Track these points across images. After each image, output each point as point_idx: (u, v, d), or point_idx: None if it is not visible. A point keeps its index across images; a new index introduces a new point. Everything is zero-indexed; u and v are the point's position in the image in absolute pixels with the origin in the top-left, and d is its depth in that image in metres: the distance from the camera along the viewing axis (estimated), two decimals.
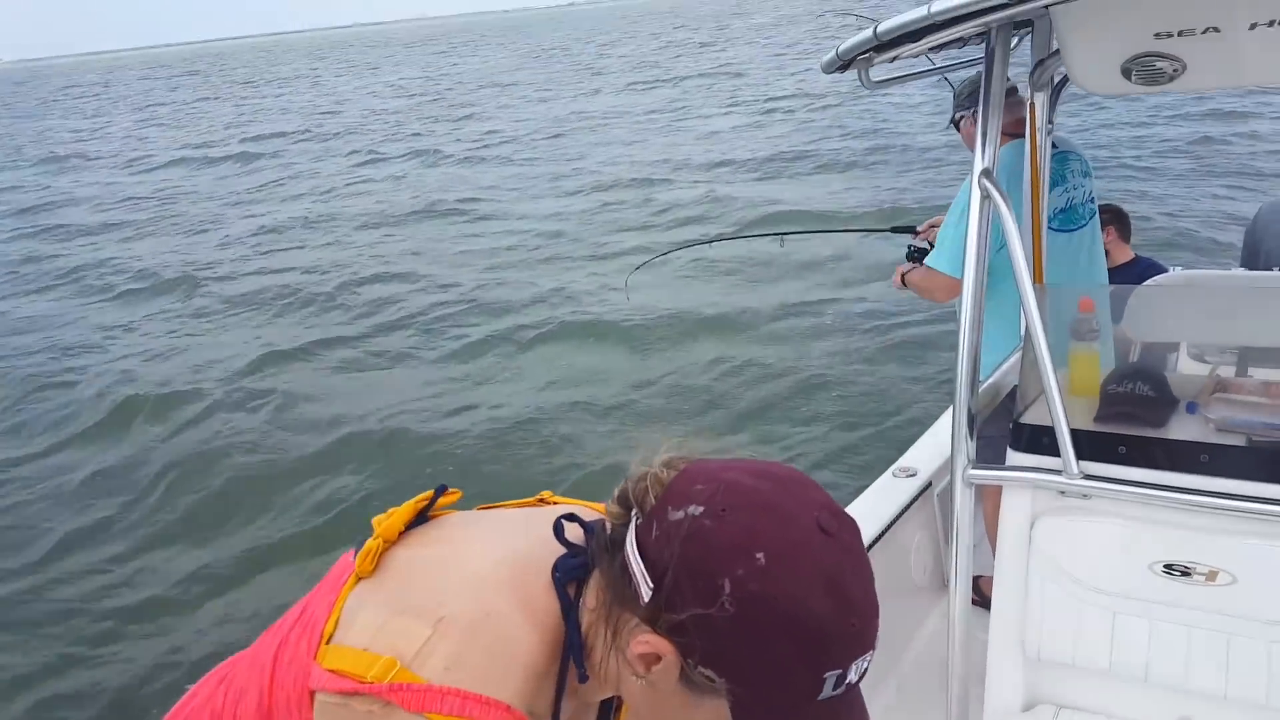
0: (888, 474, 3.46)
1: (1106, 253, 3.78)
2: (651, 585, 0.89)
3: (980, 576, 3.52)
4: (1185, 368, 2.45)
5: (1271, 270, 3.89)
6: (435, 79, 46.70)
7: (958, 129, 3.16)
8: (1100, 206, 4.08)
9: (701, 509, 0.88)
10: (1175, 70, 1.94)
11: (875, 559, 3.02)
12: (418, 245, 12.97)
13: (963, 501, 2.19)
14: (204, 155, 24.86)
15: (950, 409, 4.08)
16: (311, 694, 0.95)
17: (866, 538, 3.02)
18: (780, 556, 0.86)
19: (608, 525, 0.99)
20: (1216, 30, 1.83)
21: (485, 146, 22.06)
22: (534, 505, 1.14)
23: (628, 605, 0.92)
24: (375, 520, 1.02)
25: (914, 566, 3.36)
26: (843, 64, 2.07)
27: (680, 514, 0.89)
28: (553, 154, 20.01)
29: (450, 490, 1.06)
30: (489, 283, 10.70)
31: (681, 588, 0.87)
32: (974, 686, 2.28)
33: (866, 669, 0.93)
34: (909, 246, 3.51)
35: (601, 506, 1.05)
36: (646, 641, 0.90)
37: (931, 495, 3.44)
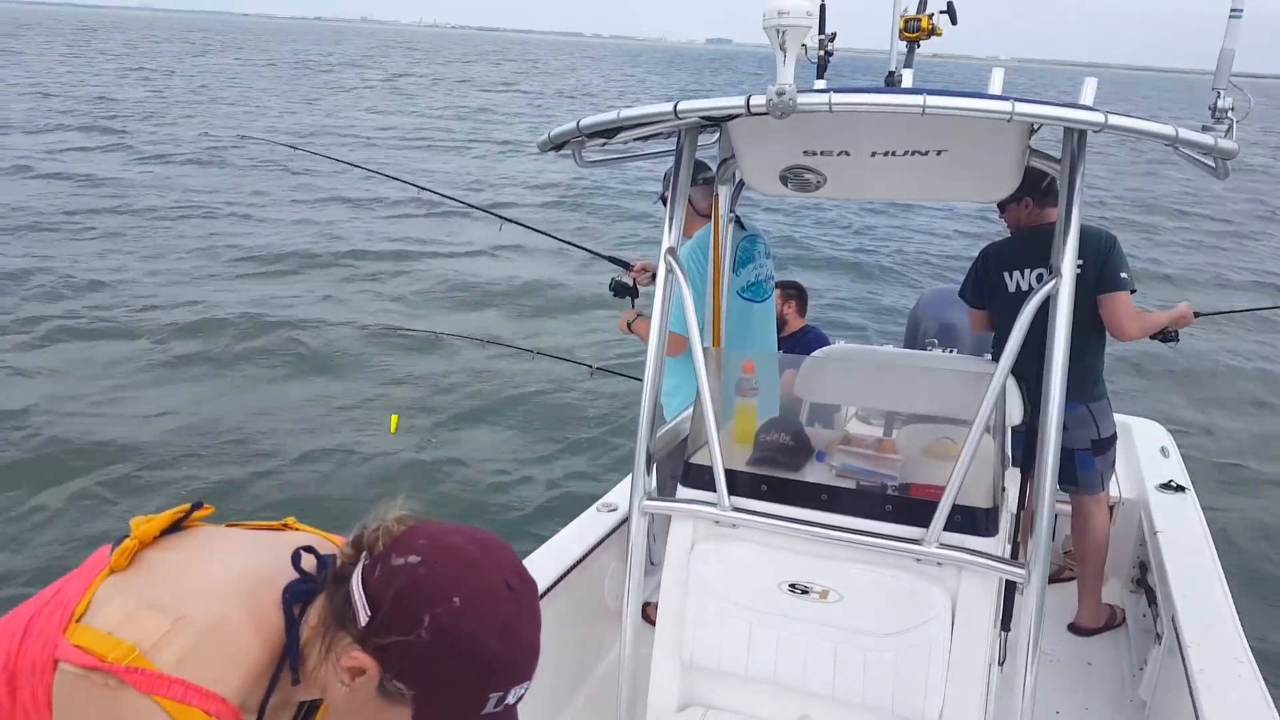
0: (592, 509, 3.78)
1: (784, 321, 4.39)
2: (369, 613, 1.10)
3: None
4: (829, 424, 2.96)
5: (928, 349, 4.64)
6: None
7: (664, 204, 3.56)
8: (785, 282, 4.70)
9: (419, 559, 1.12)
10: (819, 181, 2.42)
11: (573, 582, 3.29)
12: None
13: (636, 527, 2.52)
14: None
15: None
16: (55, 663, 1.08)
17: (567, 563, 3.30)
18: (471, 602, 1.10)
19: (338, 560, 1.20)
20: (847, 154, 2.32)
21: None
22: (278, 529, 1.33)
23: (345, 627, 1.13)
24: (134, 522, 1.17)
25: (607, 591, 3.68)
26: (554, 145, 2.38)
27: (401, 560, 1.11)
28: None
29: (205, 506, 1.23)
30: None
31: (392, 618, 1.09)
32: (644, 694, 2.60)
33: (524, 694, 1.18)
34: (614, 279, 3.88)
35: (335, 538, 1.29)
36: (355, 658, 1.11)
37: (627, 527, 3.80)
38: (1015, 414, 3.25)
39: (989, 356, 3.81)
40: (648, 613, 3.91)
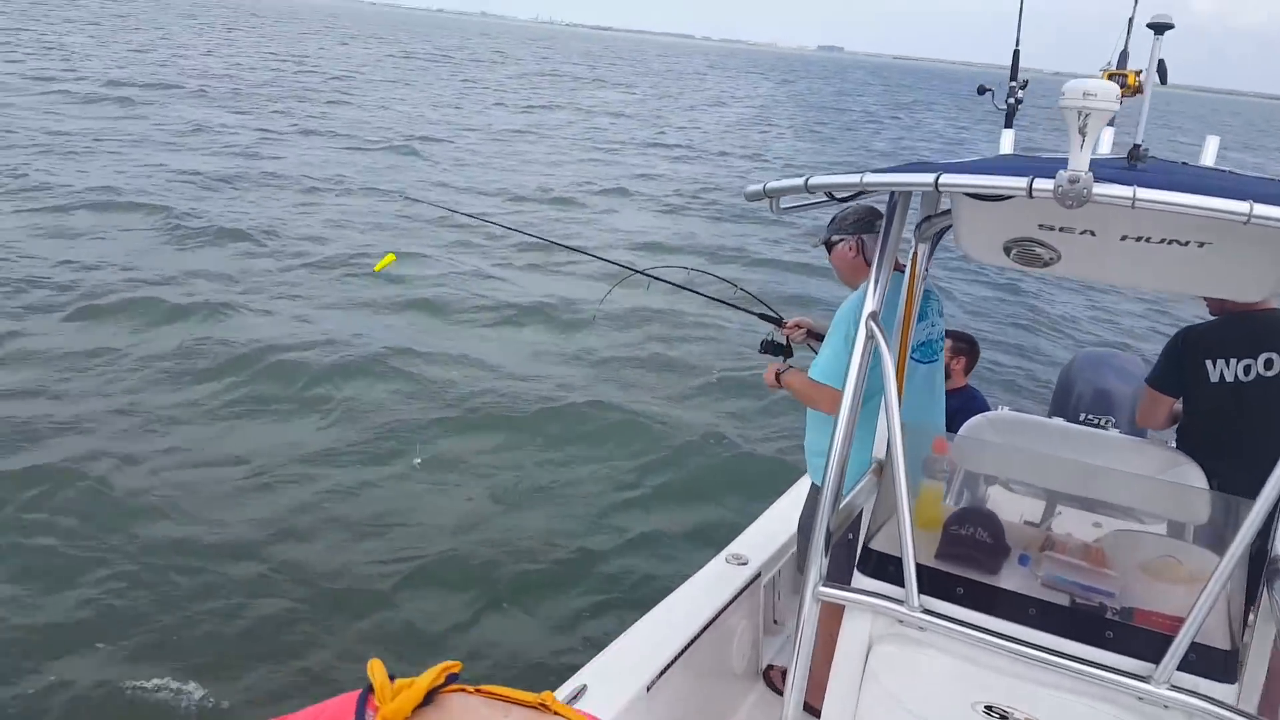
0: (720, 559, 3.56)
1: (946, 375, 4.06)
2: None
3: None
4: (1013, 513, 2.66)
5: (1080, 417, 4.27)
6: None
7: (829, 250, 3.30)
8: (956, 333, 4.37)
9: None
10: (1051, 258, 2.14)
11: (702, 645, 3.08)
12: None
13: (809, 614, 2.28)
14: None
15: (781, 498, 4.27)
16: None
17: (699, 623, 3.09)
18: None
19: None
20: (1092, 234, 2.04)
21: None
22: (535, 708, 1.13)
23: None
24: (379, 678, 1.00)
25: (734, 653, 3.45)
26: (766, 197, 2.17)
27: None
28: None
29: (454, 662, 1.06)
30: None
31: None
32: None
33: None
34: (766, 338, 3.59)
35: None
36: None
37: (759, 585, 3.57)
38: (1201, 512, 2.89)
39: (1173, 444, 3.46)
40: (770, 676, 3.68)
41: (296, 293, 10.17)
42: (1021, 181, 1.62)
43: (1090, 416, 4.34)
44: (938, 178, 1.72)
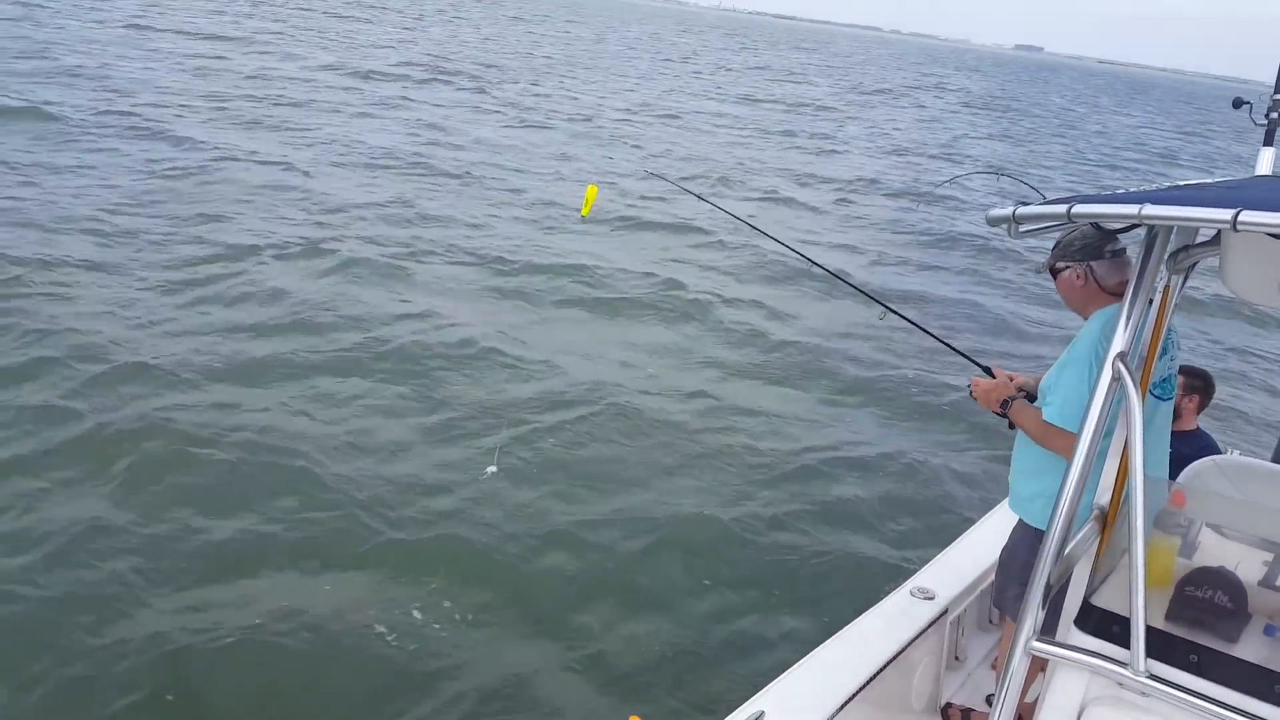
0: (904, 591, 3.44)
1: (1176, 415, 3.74)
2: None
3: (972, 711, 3.51)
4: (1252, 575, 2.43)
5: None
6: None
7: (1053, 275, 3.08)
8: (1189, 369, 4.02)
9: None
10: None
11: (884, 680, 3.00)
12: None
13: (1018, 667, 2.16)
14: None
15: (971, 531, 4.09)
16: None
17: (882, 658, 3.00)
18: None
19: None
20: None
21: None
22: None
23: None
24: None
25: (914, 689, 3.34)
26: (1015, 223, 2.06)
27: None
28: None
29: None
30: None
31: None
32: None
33: None
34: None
35: None
36: None
37: (945, 621, 3.43)
38: None
39: None
40: (949, 714, 3.53)
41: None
42: None
43: None
44: (1237, 215, 1.56)
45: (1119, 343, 2.04)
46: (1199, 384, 3.99)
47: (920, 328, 4.13)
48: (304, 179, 13.44)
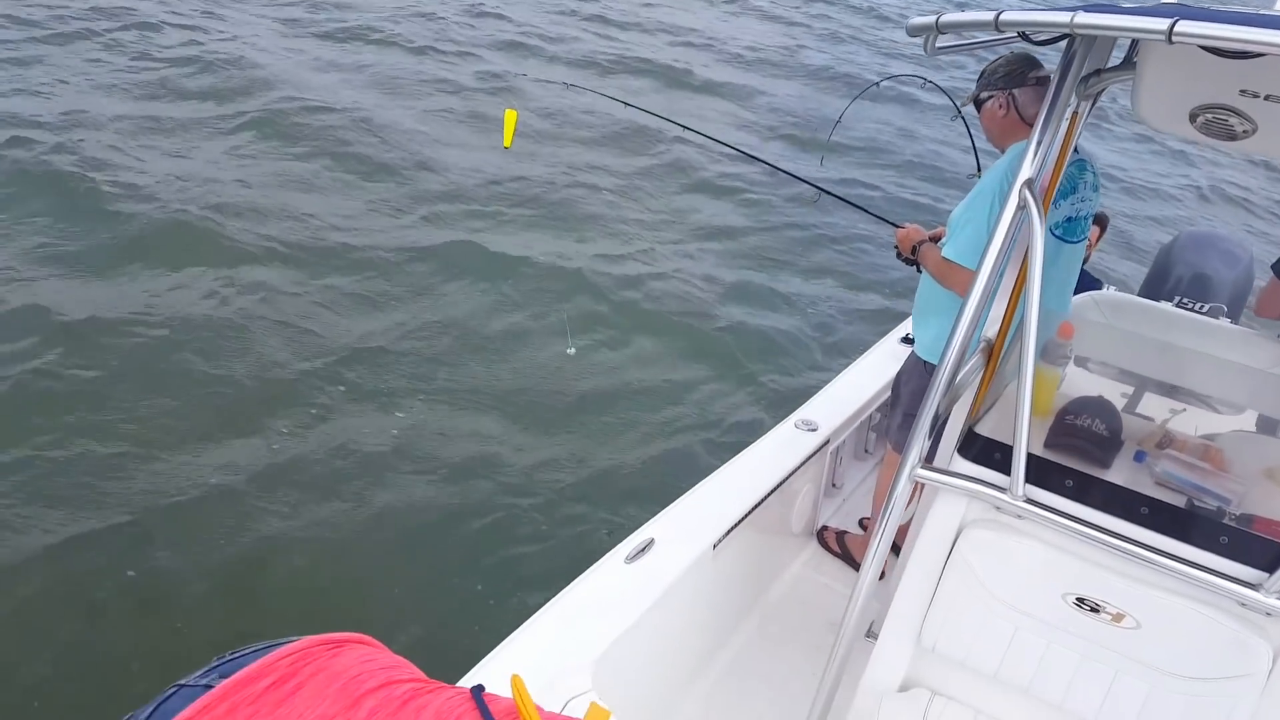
0: (789, 424, 3.52)
1: None
2: None
3: (846, 533, 3.67)
4: (1119, 401, 2.53)
5: (1174, 300, 4.06)
6: None
7: (977, 108, 2.99)
8: None
9: None
10: (1246, 130, 1.90)
11: (768, 506, 3.07)
12: None
13: (901, 493, 2.20)
14: None
15: (851, 367, 4.20)
16: None
17: (766, 486, 3.07)
18: None
19: None
20: None
21: None
22: None
23: None
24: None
25: (795, 515, 3.46)
26: (938, 33, 1.92)
27: None
28: None
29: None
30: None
31: None
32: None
33: None
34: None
35: None
36: None
37: (826, 451, 3.54)
38: None
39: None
40: (824, 536, 3.69)
41: None
42: None
43: (1186, 301, 4.13)
44: (1173, 25, 1.47)
45: (1027, 170, 1.98)
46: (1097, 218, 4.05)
47: (834, 194, 4.08)
48: None
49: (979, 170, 4.07)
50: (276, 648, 0.92)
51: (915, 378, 3.16)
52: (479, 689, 0.95)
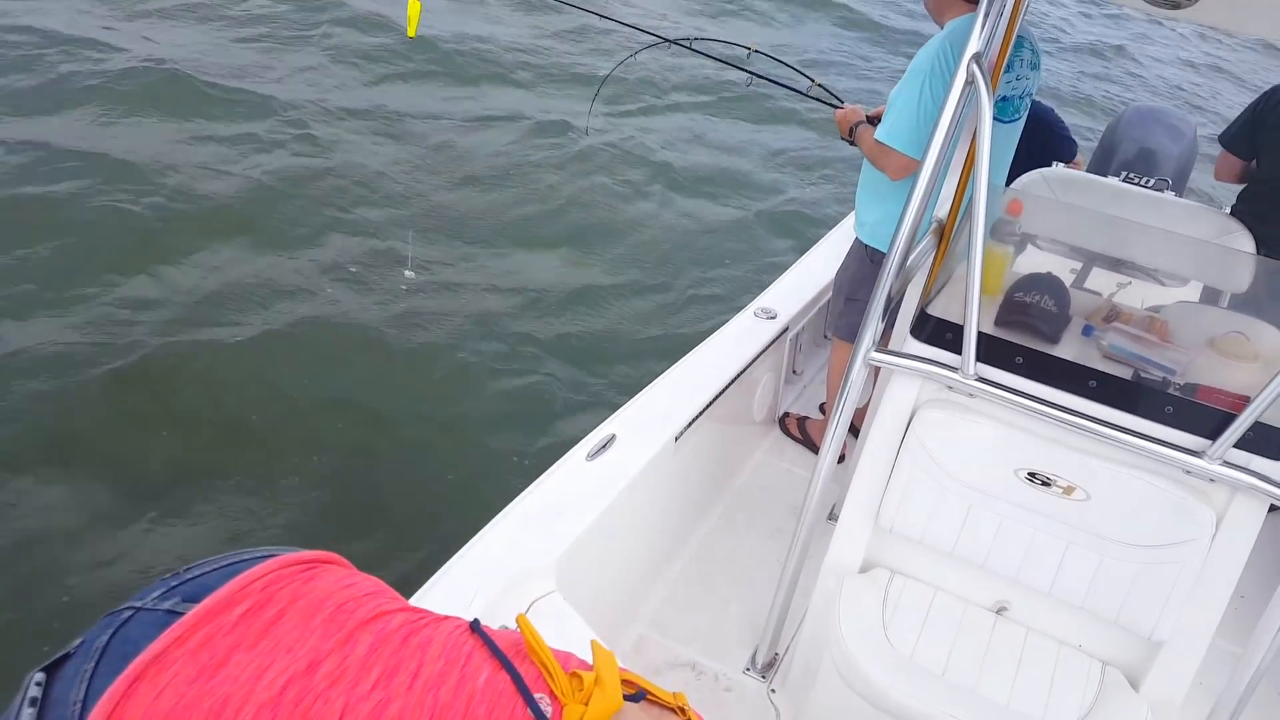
0: (748, 313, 3.51)
1: None
2: None
3: (807, 418, 3.72)
4: (1068, 277, 2.55)
5: (1121, 175, 4.08)
6: None
7: None
8: None
9: None
10: None
11: (729, 396, 3.08)
12: None
13: (856, 377, 2.21)
14: None
15: (809, 253, 4.18)
16: None
17: (728, 376, 3.08)
18: None
19: None
20: None
21: None
22: (674, 711, 0.98)
23: None
24: (577, 687, 0.87)
25: (756, 403, 3.48)
26: None
27: None
28: None
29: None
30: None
31: None
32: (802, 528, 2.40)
33: None
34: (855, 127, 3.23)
35: None
36: None
37: (785, 339, 3.55)
38: (1244, 280, 2.81)
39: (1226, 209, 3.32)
40: (786, 423, 3.74)
41: None
42: None
43: (1132, 175, 4.15)
44: None
45: (975, 44, 1.93)
46: None
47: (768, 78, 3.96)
48: None
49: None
50: (242, 565, 0.87)
51: (855, 262, 3.15)
52: (476, 623, 0.92)
